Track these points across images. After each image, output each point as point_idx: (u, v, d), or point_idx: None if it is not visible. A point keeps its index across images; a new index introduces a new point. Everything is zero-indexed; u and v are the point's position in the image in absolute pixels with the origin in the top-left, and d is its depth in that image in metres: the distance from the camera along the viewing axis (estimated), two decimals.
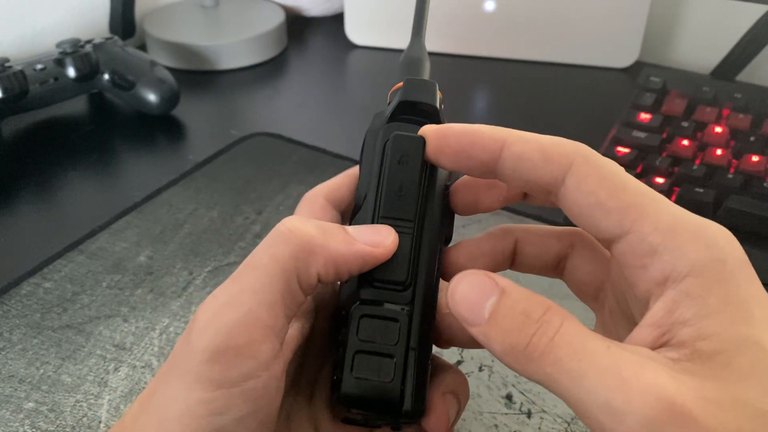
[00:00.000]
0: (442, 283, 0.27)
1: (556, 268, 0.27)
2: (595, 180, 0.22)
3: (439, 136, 0.25)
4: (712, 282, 0.19)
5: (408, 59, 0.30)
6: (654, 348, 0.20)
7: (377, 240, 0.24)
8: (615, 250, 0.22)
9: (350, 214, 0.29)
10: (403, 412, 0.24)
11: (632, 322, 0.23)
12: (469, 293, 0.21)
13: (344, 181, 0.30)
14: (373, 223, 0.25)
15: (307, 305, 0.27)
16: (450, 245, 0.28)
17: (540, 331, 0.20)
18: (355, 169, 0.30)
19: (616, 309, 0.25)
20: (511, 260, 0.28)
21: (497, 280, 0.21)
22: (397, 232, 0.25)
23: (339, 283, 0.28)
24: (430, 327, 0.26)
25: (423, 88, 0.28)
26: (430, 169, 0.26)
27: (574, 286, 0.27)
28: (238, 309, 0.22)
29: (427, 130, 0.25)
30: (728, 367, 0.18)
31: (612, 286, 0.25)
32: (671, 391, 0.18)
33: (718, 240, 0.20)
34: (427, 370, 0.25)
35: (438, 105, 0.28)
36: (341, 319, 0.26)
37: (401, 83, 0.28)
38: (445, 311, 0.27)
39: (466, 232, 0.47)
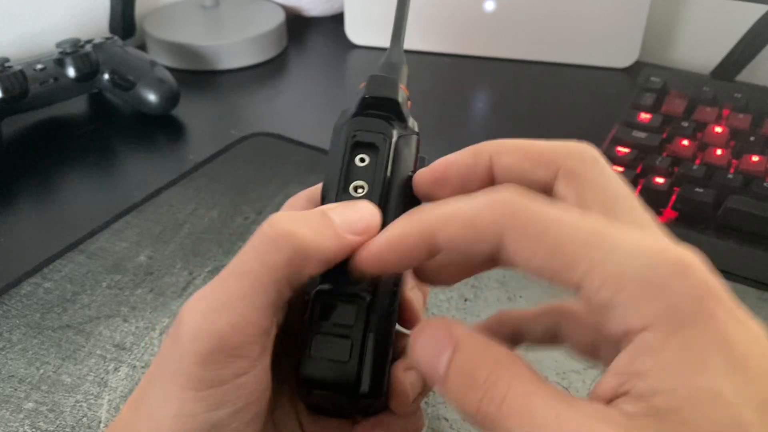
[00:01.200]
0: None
1: (555, 341, 0.27)
2: (530, 242, 0.20)
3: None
4: (667, 333, 0.18)
5: (386, 64, 0.31)
6: (616, 396, 0.19)
7: (362, 226, 0.24)
8: (580, 303, 0.21)
9: None
10: (360, 393, 0.24)
11: None
12: (425, 348, 0.20)
13: None
14: None
15: None
16: None
17: (487, 397, 0.19)
18: None
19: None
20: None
21: (453, 331, 0.20)
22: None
23: None
24: (392, 309, 0.26)
25: (385, 84, 0.28)
26: (395, 156, 0.27)
27: (577, 352, 0.27)
28: (230, 314, 0.22)
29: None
30: (684, 425, 0.17)
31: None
32: None
33: (670, 284, 0.18)
34: (388, 352, 0.25)
35: (399, 99, 0.28)
36: (305, 304, 0.26)
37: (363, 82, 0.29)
38: (409, 294, 0.27)
39: None
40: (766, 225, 0.44)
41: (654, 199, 0.47)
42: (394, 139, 0.27)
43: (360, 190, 0.26)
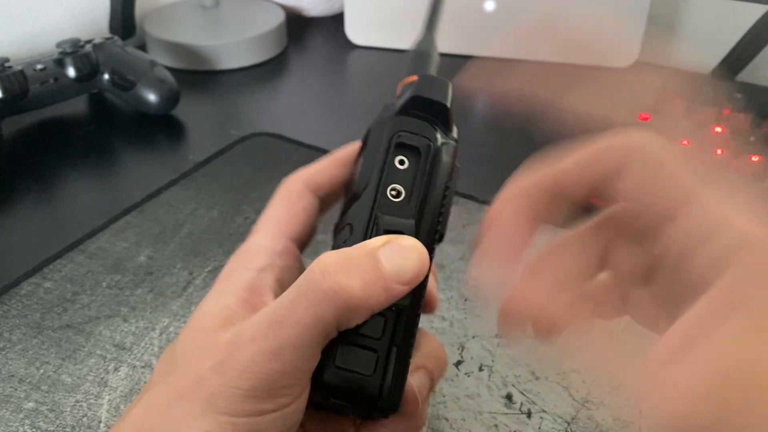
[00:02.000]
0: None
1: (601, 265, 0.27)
2: (651, 169, 0.23)
3: None
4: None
5: (418, 53, 0.30)
6: None
7: (410, 276, 0.24)
8: (668, 232, 0.23)
9: (342, 200, 0.29)
10: (378, 406, 0.24)
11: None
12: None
13: (326, 166, 0.30)
14: (370, 216, 0.25)
15: None
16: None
17: None
18: (339, 154, 0.30)
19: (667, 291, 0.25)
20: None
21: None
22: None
23: None
24: (416, 324, 0.26)
25: (437, 86, 0.27)
26: (433, 166, 0.26)
27: (621, 276, 0.26)
28: (279, 361, 0.22)
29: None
30: None
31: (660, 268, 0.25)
32: None
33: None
34: (407, 368, 0.25)
35: (449, 105, 0.27)
36: None
37: (414, 77, 0.28)
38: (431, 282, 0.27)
39: (465, 232, 0.47)
40: None
41: None
42: (437, 146, 0.26)
43: (396, 195, 0.25)
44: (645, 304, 0.26)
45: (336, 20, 0.77)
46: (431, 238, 0.26)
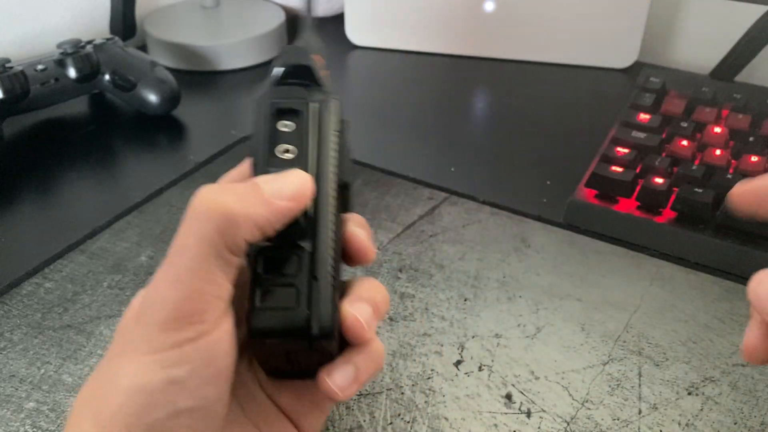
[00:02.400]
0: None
1: None
2: None
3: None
4: None
5: (293, 47, 0.32)
6: None
7: (291, 192, 0.25)
8: None
9: None
10: (312, 335, 0.25)
11: None
12: None
13: (237, 171, 0.31)
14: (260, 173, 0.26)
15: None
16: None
17: None
18: (230, 176, 0.31)
19: None
20: None
21: None
22: None
23: None
24: (335, 254, 0.27)
25: (295, 54, 0.29)
26: (319, 118, 0.28)
27: None
28: (180, 287, 0.23)
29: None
30: None
31: None
32: None
33: None
34: (334, 298, 0.26)
35: (311, 65, 0.29)
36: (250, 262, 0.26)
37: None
38: (353, 230, 0.28)
39: (465, 232, 0.47)
40: (765, 225, 0.44)
41: (653, 200, 0.47)
42: (314, 103, 0.28)
43: (288, 154, 0.27)
44: None
45: (336, 20, 0.77)
46: (324, 176, 0.27)
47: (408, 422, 0.35)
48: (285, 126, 0.27)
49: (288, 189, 0.25)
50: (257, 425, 0.27)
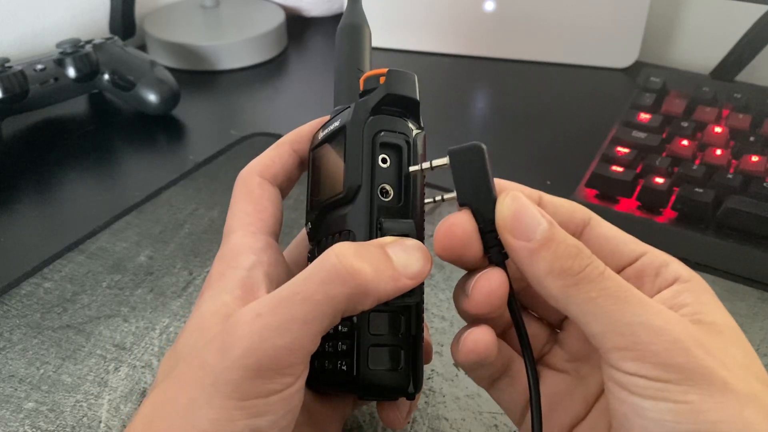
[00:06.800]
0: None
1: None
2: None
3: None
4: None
5: (349, 26, 0.31)
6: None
7: (416, 271, 0.25)
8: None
9: (308, 194, 0.30)
10: (411, 393, 0.26)
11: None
12: (519, 212, 0.24)
13: (276, 155, 0.31)
14: (370, 221, 0.26)
15: None
16: None
17: (593, 265, 0.23)
18: (288, 139, 0.31)
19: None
20: None
21: (543, 213, 0.24)
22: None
23: None
24: (423, 307, 0.27)
25: (406, 81, 0.28)
26: (410, 160, 0.27)
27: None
28: (286, 336, 0.22)
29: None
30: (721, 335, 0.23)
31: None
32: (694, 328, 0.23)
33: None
34: (423, 352, 0.27)
35: (418, 99, 0.28)
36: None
37: (377, 71, 0.29)
38: None
39: None
40: (765, 225, 0.44)
41: (654, 199, 0.47)
42: (414, 140, 0.27)
43: (385, 194, 0.27)
44: None
45: (336, 20, 0.76)
46: (422, 228, 0.28)
47: (408, 422, 0.34)
48: (384, 161, 0.27)
49: (414, 267, 0.25)
50: None
